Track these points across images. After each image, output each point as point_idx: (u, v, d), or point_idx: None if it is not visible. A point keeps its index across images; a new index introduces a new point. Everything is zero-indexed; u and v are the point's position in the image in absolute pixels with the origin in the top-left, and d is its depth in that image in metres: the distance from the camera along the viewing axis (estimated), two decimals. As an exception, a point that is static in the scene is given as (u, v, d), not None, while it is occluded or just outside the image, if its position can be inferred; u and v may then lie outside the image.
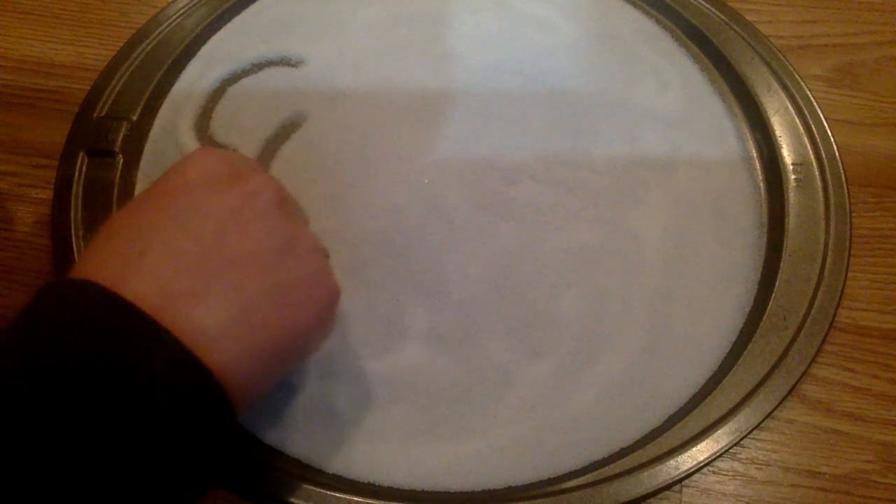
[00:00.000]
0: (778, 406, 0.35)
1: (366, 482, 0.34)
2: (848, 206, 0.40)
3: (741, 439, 0.34)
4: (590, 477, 0.34)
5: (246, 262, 0.26)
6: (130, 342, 0.23)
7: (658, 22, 0.48)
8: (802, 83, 0.44)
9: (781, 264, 0.38)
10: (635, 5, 0.48)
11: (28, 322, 0.25)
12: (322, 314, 0.29)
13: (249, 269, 0.26)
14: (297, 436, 0.35)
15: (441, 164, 0.42)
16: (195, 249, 0.26)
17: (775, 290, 0.38)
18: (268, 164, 0.42)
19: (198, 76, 0.45)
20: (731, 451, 0.34)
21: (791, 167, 0.41)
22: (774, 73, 0.45)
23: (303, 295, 0.28)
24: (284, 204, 0.29)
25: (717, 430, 0.34)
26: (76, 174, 0.41)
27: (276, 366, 0.28)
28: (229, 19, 0.48)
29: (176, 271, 0.25)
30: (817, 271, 0.38)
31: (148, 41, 0.46)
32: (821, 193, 0.41)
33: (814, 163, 0.42)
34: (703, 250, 0.39)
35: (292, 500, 0.33)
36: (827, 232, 0.39)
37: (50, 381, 0.22)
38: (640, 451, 0.34)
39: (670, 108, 0.44)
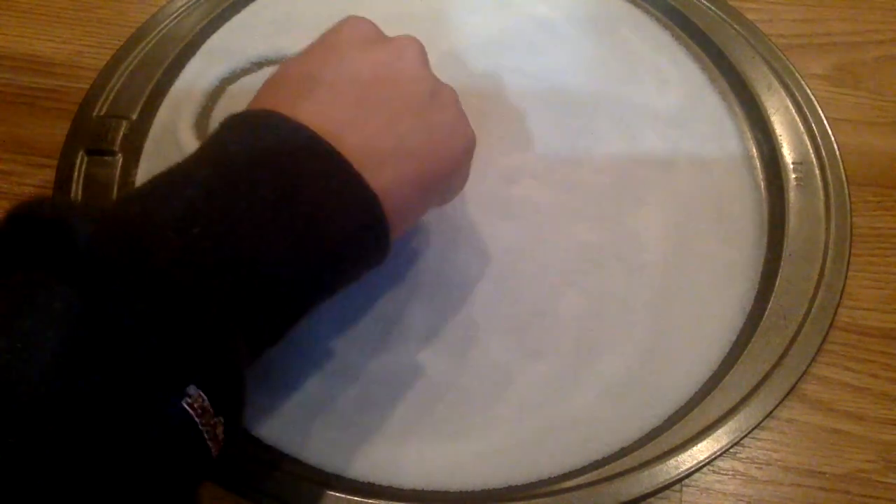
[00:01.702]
0: (778, 405, 0.35)
1: (366, 482, 0.34)
2: (848, 205, 0.40)
3: (741, 439, 0.34)
4: (590, 476, 0.34)
5: (398, 104, 0.30)
6: (308, 160, 0.27)
7: (658, 21, 0.48)
8: (803, 82, 0.44)
9: (782, 264, 0.38)
10: (636, 4, 0.48)
11: (217, 144, 0.28)
12: (461, 156, 0.32)
13: (402, 110, 0.30)
14: (296, 435, 0.35)
15: (441, 164, 0.42)
16: (356, 91, 0.29)
17: (775, 289, 0.38)
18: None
19: (197, 75, 0.45)
20: (731, 450, 0.34)
21: (791, 166, 0.41)
22: (775, 71, 0.45)
23: (446, 136, 0.31)
24: (427, 61, 0.33)
25: (717, 430, 0.34)
26: (75, 173, 0.41)
27: (422, 195, 0.31)
28: (229, 18, 0.48)
29: (340, 107, 0.29)
30: (817, 271, 0.38)
31: (147, 40, 0.46)
32: (821, 193, 0.41)
33: (814, 162, 0.42)
34: (703, 249, 0.39)
35: (291, 499, 0.33)
36: (827, 231, 0.39)
37: (244, 181, 0.26)
38: (641, 450, 0.34)
39: (670, 106, 0.44)
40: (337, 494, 0.33)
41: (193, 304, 0.23)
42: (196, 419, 0.22)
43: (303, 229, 0.26)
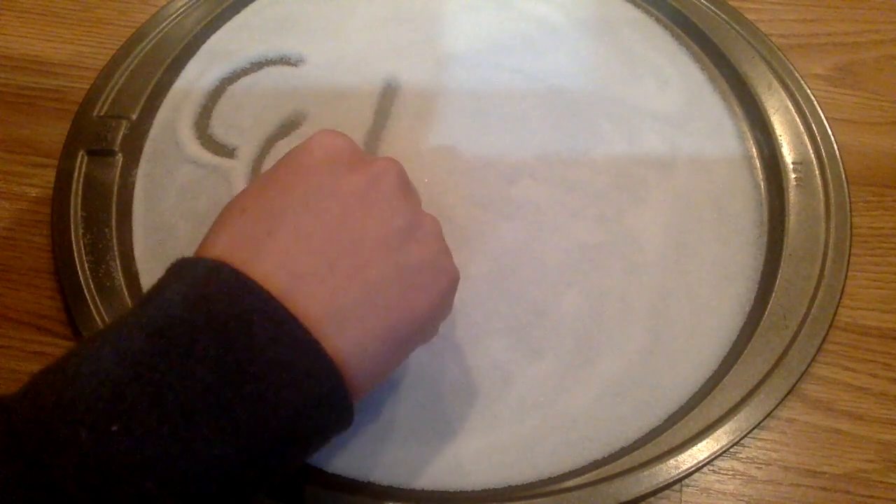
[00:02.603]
0: (778, 405, 0.35)
1: (366, 482, 0.34)
2: (848, 205, 0.40)
3: (741, 438, 0.34)
4: (590, 476, 0.34)
5: (370, 245, 0.27)
6: (258, 326, 0.24)
7: (658, 20, 0.48)
8: (803, 82, 0.44)
9: (782, 263, 0.38)
10: (636, 4, 0.48)
11: (161, 299, 0.25)
12: (442, 298, 0.29)
13: (373, 252, 0.27)
14: (297, 435, 0.35)
15: (441, 164, 0.42)
16: (321, 231, 0.26)
17: (775, 289, 0.38)
18: (266, 162, 0.42)
19: (197, 75, 0.45)
20: (731, 450, 0.35)
21: (791, 166, 0.41)
22: (775, 71, 0.45)
23: (424, 279, 0.28)
24: (406, 187, 0.30)
25: (717, 430, 0.34)
26: (76, 173, 0.41)
27: (395, 350, 0.28)
28: (229, 18, 0.48)
29: (302, 253, 0.26)
30: (817, 270, 0.38)
31: (147, 40, 0.46)
32: (821, 192, 0.41)
33: (814, 162, 0.42)
34: (703, 249, 0.39)
35: (291, 498, 0.33)
36: (827, 231, 0.39)
37: (181, 357, 0.23)
38: (641, 450, 0.34)
39: (670, 106, 0.44)
40: (337, 494, 0.33)
41: None
42: None
43: (246, 414, 0.23)
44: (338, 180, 0.28)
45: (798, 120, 0.43)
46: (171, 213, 0.41)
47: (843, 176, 0.41)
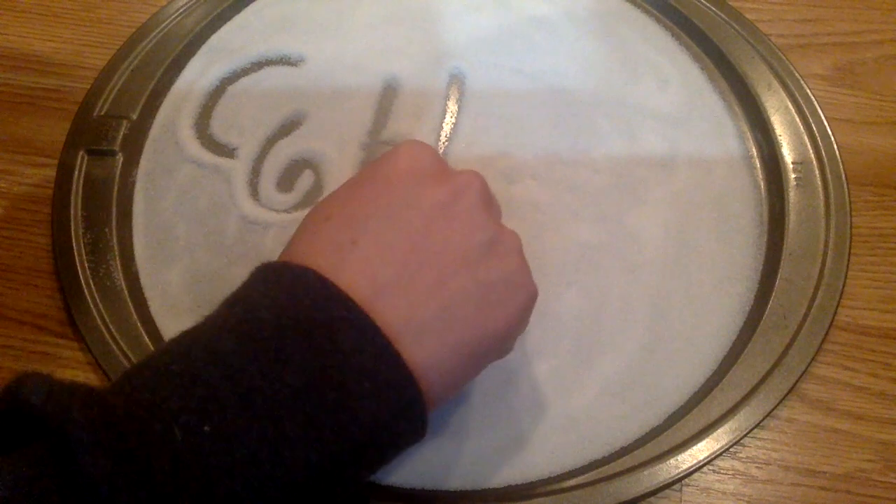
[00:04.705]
0: (778, 405, 0.35)
1: (365, 482, 0.34)
2: (848, 204, 0.40)
3: (741, 438, 0.34)
4: (590, 476, 0.34)
5: (451, 259, 0.27)
6: (343, 333, 0.24)
7: (658, 20, 0.48)
8: (803, 82, 0.44)
9: (782, 263, 0.38)
10: (635, 4, 0.48)
11: (248, 302, 0.25)
12: (519, 315, 0.29)
13: (454, 266, 0.27)
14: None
15: (441, 163, 0.42)
16: (404, 243, 0.27)
17: (775, 289, 0.38)
18: (266, 162, 0.42)
19: (198, 75, 0.45)
20: (731, 449, 0.35)
21: (791, 166, 0.41)
22: (775, 71, 0.45)
23: (502, 295, 0.28)
24: (489, 202, 0.30)
25: (717, 429, 0.34)
26: (76, 173, 0.41)
27: (470, 365, 0.28)
28: (229, 18, 0.48)
29: (385, 264, 0.26)
30: (817, 270, 0.38)
31: (148, 40, 0.46)
32: (821, 192, 0.41)
33: (814, 162, 0.42)
34: (703, 249, 0.39)
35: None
36: (827, 231, 0.39)
37: (270, 362, 0.23)
38: (641, 449, 0.34)
39: (670, 106, 0.44)
40: (337, 494, 0.33)
41: None
42: None
43: (330, 420, 0.23)
44: (421, 192, 0.28)
45: (798, 120, 0.43)
46: (171, 213, 0.41)
47: (843, 176, 0.41)
